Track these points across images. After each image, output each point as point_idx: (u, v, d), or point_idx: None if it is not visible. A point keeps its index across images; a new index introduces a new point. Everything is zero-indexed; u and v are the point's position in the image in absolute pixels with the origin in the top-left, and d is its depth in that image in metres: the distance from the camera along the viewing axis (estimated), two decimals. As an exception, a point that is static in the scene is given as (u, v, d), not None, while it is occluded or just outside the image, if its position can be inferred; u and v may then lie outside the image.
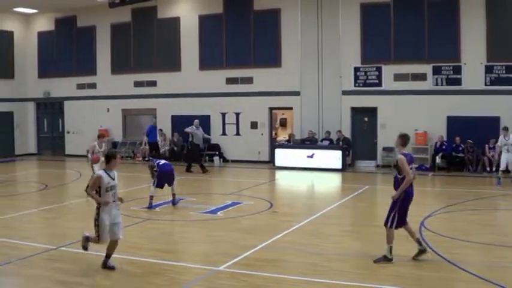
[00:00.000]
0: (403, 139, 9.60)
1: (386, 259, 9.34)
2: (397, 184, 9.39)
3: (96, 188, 8.99)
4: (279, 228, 12.39)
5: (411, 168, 9.40)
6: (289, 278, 8.72)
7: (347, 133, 24.75)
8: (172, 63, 28.13)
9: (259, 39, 26.35)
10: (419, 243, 9.57)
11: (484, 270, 8.79)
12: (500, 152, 19.43)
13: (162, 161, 15.45)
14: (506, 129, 19.25)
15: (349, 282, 8.45)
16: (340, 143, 24.16)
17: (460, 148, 22.54)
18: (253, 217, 13.88)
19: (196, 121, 24.21)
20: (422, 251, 9.51)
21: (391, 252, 9.34)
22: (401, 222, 9.48)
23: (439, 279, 8.69)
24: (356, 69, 24.61)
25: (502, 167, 19.22)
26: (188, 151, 24.47)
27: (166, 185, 15.20)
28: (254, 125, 26.64)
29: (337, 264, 9.58)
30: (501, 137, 19.38)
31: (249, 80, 26.69)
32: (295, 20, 25.51)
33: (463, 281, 8.48)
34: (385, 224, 9.48)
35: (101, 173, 9.12)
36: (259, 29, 26.35)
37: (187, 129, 23.86)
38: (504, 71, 22.26)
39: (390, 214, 9.44)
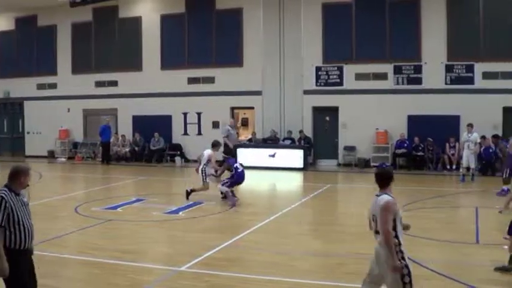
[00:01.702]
0: None
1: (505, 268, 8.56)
2: None
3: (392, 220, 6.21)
4: (241, 227, 12.37)
5: None
6: (253, 277, 8.67)
7: (308, 132, 24.84)
8: (133, 63, 27.82)
9: (221, 39, 26.24)
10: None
11: (446, 267, 8.87)
12: (463, 148, 19.62)
13: (240, 168, 15.56)
14: (471, 125, 19.42)
15: (313, 281, 8.43)
16: (302, 142, 24.25)
17: (420, 147, 22.80)
18: (215, 217, 13.83)
19: (231, 120, 23.81)
20: (507, 269, 8.56)
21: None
22: None
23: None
24: (318, 69, 24.71)
25: (465, 164, 19.41)
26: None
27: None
28: (216, 125, 26.46)
29: (300, 263, 9.57)
30: (465, 134, 19.61)
31: (210, 80, 26.55)
32: (257, 20, 25.50)
33: (424, 278, 8.53)
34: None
35: (389, 197, 6.22)
36: (221, 29, 26.25)
37: (223, 133, 21.98)
38: (464, 70, 22.61)
39: None
